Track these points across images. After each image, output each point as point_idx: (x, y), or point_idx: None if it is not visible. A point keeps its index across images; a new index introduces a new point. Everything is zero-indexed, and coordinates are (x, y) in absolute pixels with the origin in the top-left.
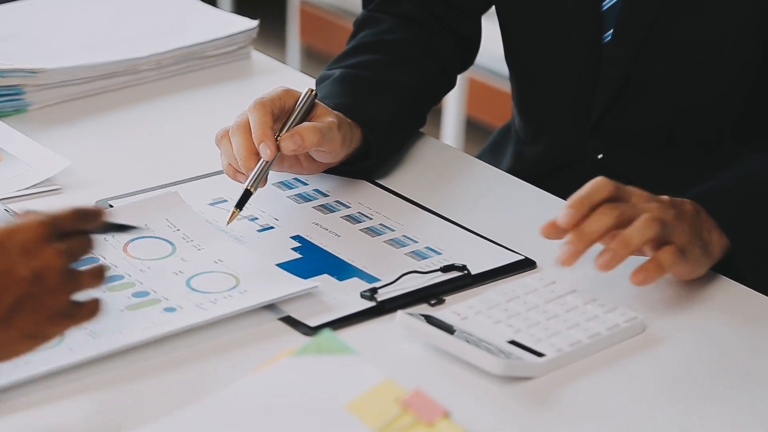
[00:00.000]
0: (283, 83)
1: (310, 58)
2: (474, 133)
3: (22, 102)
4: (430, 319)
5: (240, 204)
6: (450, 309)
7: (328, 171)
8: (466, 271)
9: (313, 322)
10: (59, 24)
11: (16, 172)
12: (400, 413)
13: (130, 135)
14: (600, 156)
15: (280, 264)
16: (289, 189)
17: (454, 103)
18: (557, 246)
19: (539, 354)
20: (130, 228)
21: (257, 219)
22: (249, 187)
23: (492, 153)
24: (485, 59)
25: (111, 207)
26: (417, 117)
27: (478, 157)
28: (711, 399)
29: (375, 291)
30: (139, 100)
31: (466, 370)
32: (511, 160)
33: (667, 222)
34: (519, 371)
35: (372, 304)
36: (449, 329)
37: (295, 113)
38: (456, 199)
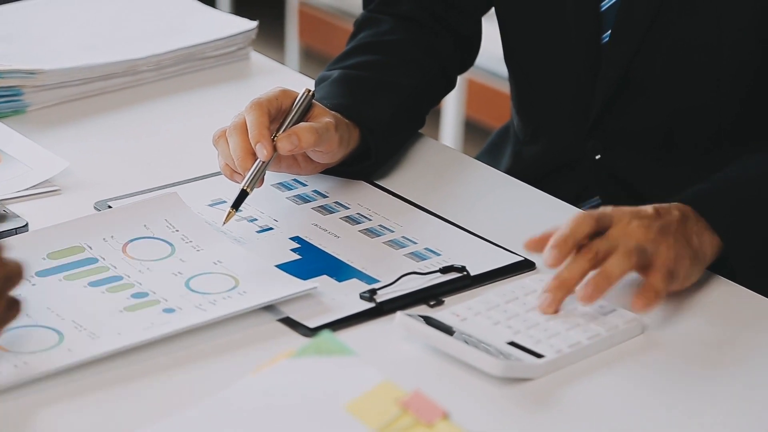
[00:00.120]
0: (283, 84)
1: (309, 58)
2: (473, 134)
3: (21, 103)
4: (429, 320)
5: (236, 204)
6: (449, 310)
7: (326, 172)
8: (465, 273)
9: (313, 323)
10: (58, 25)
11: (15, 173)
12: (399, 414)
13: (129, 136)
14: (598, 156)
15: (279, 265)
16: (289, 190)
17: (453, 104)
18: None
19: (538, 355)
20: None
21: (256, 220)
22: (245, 188)
23: (491, 154)
24: (484, 60)
25: (110, 207)
26: (416, 118)
27: (477, 158)
28: (710, 399)
29: (374, 292)
30: (139, 101)
31: (465, 371)
32: (510, 160)
33: (648, 244)
34: (518, 372)
35: (371, 305)
36: (448, 330)
37: (292, 113)
38: (455, 200)
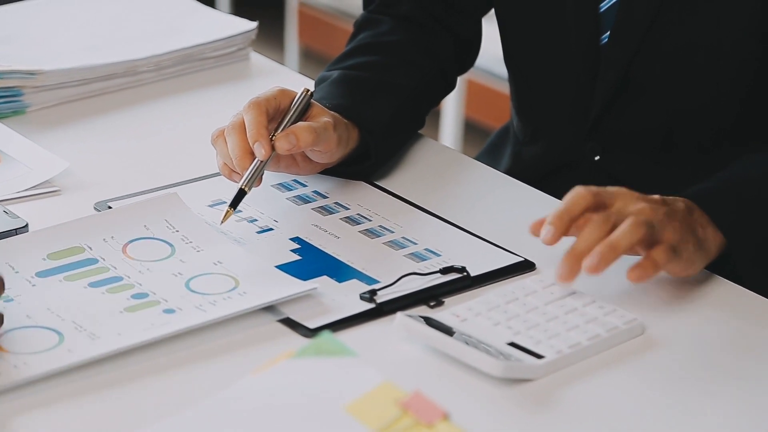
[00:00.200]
0: (282, 84)
1: (308, 59)
2: (472, 135)
3: (20, 103)
4: (429, 321)
5: (234, 203)
6: (449, 311)
7: (326, 172)
8: (465, 273)
9: (313, 323)
10: (58, 25)
11: (15, 173)
12: (399, 415)
13: (129, 136)
14: (597, 158)
15: (279, 266)
16: (288, 190)
17: (452, 105)
18: (556, 248)
19: (539, 356)
20: None
21: (256, 220)
22: (243, 187)
23: (490, 154)
24: (484, 61)
25: (110, 208)
26: (416, 118)
27: (476, 159)
28: (710, 400)
29: (374, 293)
30: (138, 101)
31: (465, 372)
32: (510, 161)
33: (655, 222)
34: (518, 373)
35: (371, 305)
36: (448, 331)
37: (291, 113)
38: (455, 201)
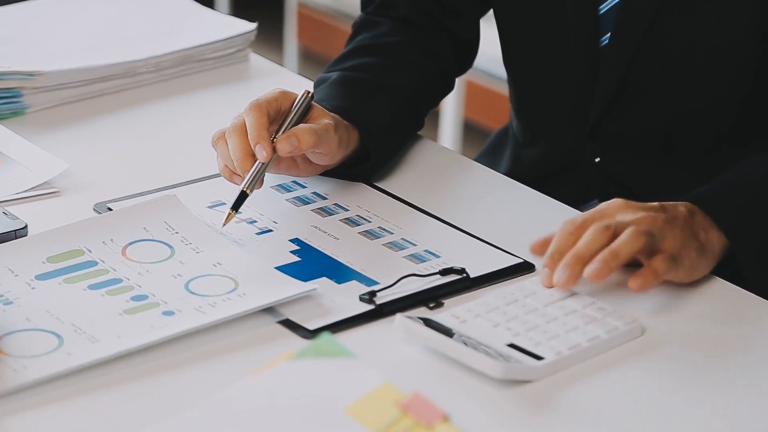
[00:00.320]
0: (281, 86)
1: (307, 60)
2: (472, 136)
3: (19, 104)
4: (428, 323)
5: (236, 206)
6: (449, 312)
7: (326, 174)
8: (464, 275)
9: (312, 325)
10: (57, 26)
11: (14, 174)
12: (399, 416)
13: (128, 138)
14: (597, 159)
15: (278, 267)
16: (288, 192)
17: (451, 106)
18: None
19: (538, 357)
20: None
21: (256, 222)
22: (245, 189)
23: (490, 156)
24: (483, 62)
25: (109, 209)
26: (415, 119)
27: (476, 160)
28: (710, 401)
29: (374, 294)
30: (138, 102)
31: (465, 373)
32: (509, 163)
33: (655, 231)
34: (518, 374)
35: (371, 307)
36: (448, 332)
37: (292, 115)
38: (454, 202)
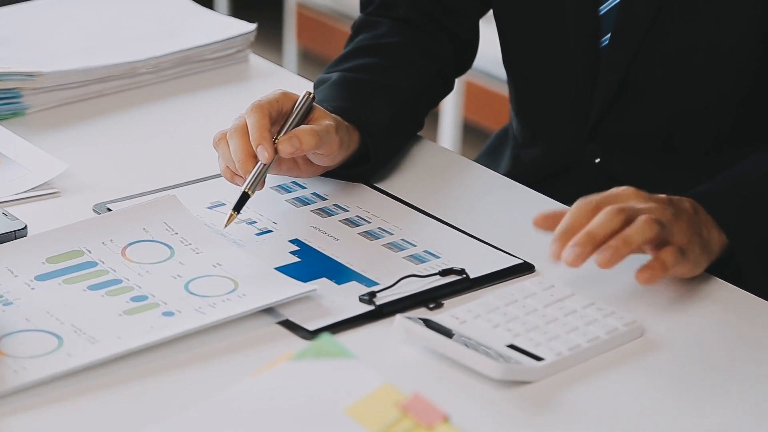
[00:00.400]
0: (281, 86)
1: (307, 61)
2: (471, 137)
3: (19, 105)
4: (428, 323)
5: (237, 207)
6: (448, 313)
7: (326, 174)
8: (464, 275)
9: (312, 325)
10: (57, 27)
11: (14, 175)
12: (399, 417)
13: (128, 138)
14: (598, 160)
15: (278, 268)
16: (288, 192)
17: (451, 107)
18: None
19: (538, 358)
20: None
21: (256, 222)
22: (246, 190)
23: (489, 156)
24: (483, 62)
25: (109, 210)
26: (415, 120)
27: (475, 161)
28: (710, 402)
29: (373, 295)
30: (137, 103)
31: (465, 374)
32: (509, 163)
33: (666, 222)
34: (518, 375)
35: (370, 307)
36: (448, 333)
37: (293, 116)
38: (454, 203)
